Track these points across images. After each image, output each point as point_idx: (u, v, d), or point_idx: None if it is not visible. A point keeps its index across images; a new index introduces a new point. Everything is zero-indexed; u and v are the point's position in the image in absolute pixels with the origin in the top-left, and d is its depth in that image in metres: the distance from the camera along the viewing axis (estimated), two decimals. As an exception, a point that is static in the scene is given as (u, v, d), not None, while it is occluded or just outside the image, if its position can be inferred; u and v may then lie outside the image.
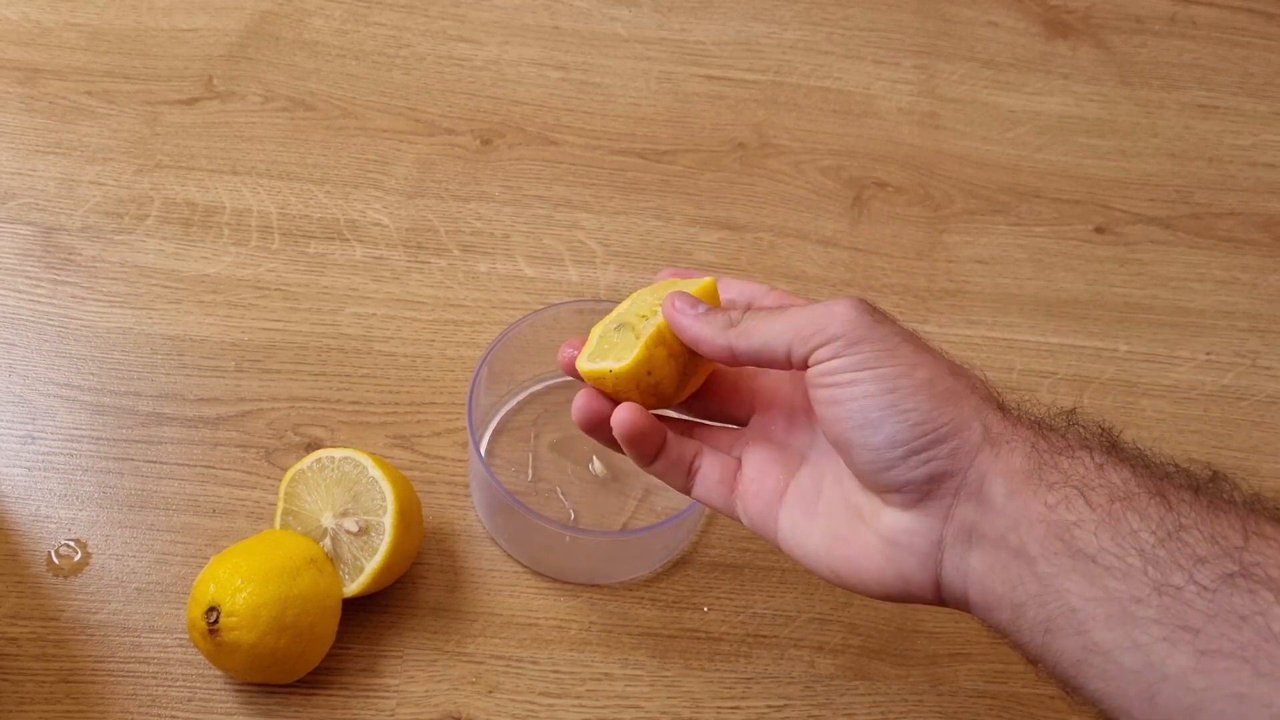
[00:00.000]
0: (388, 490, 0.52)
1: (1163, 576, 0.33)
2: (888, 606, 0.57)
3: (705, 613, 0.56)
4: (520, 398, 0.62)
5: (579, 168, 0.73)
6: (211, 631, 0.48)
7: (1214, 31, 0.85)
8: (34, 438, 0.59)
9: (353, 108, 0.74)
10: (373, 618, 0.54)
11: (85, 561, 0.55)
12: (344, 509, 0.53)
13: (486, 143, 0.73)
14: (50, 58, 0.74)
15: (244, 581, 0.49)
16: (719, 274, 0.46)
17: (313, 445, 0.59)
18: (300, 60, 0.76)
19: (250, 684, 0.52)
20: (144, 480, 0.58)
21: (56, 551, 0.55)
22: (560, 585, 0.56)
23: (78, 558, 0.55)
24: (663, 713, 0.53)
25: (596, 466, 0.59)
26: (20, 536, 0.56)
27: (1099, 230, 0.73)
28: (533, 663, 0.54)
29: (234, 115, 0.73)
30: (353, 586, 0.52)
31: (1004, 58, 0.82)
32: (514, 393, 0.62)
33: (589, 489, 0.59)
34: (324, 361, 0.62)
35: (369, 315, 0.64)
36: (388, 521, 0.52)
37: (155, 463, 0.58)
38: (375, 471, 0.53)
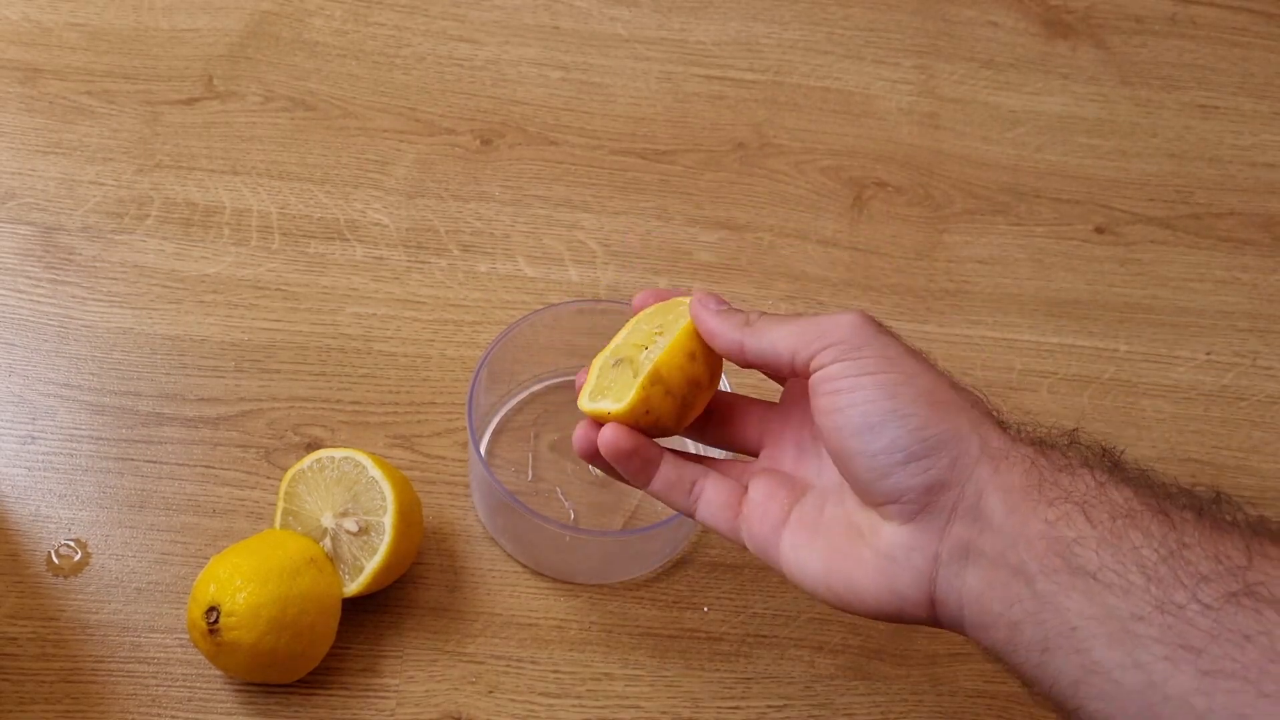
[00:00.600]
0: (388, 490, 0.52)
1: (1165, 594, 0.33)
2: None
3: (705, 613, 0.56)
4: (520, 398, 0.62)
5: (579, 168, 0.73)
6: (211, 631, 0.48)
7: (1214, 31, 0.85)
8: (34, 438, 0.59)
9: (353, 108, 0.74)
10: (373, 618, 0.54)
11: (85, 561, 0.55)
12: (344, 509, 0.53)
13: (486, 143, 0.73)
14: (50, 58, 0.74)
15: (244, 581, 0.49)
16: (699, 285, 0.47)
17: (313, 445, 0.59)
18: (300, 60, 0.76)
19: (250, 684, 0.52)
20: (144, 480, 0.58)
21: (56, 551, 0.55)
22: (560, 585, 0.56)
23: (78, 558, 0.55)
24: (663, 713, 0.53)
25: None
26: (20, 536, 0.56)
27: (1099, 230, 0.73)
28: (533, 663, 0.54)
29: (234, 115, 0.73)
30: (353, 586, 0.52)
31: (1004, 58, 0.82)
32: (514, 393, 0.62)
33: (589, 489, 0.59)
34: (324, 361, 0.62)
35: (369, 315, 0.64)
36: (388, 521, 0.52)
37: (155, 463, 0.58)
38: (375, 471, 0.53)
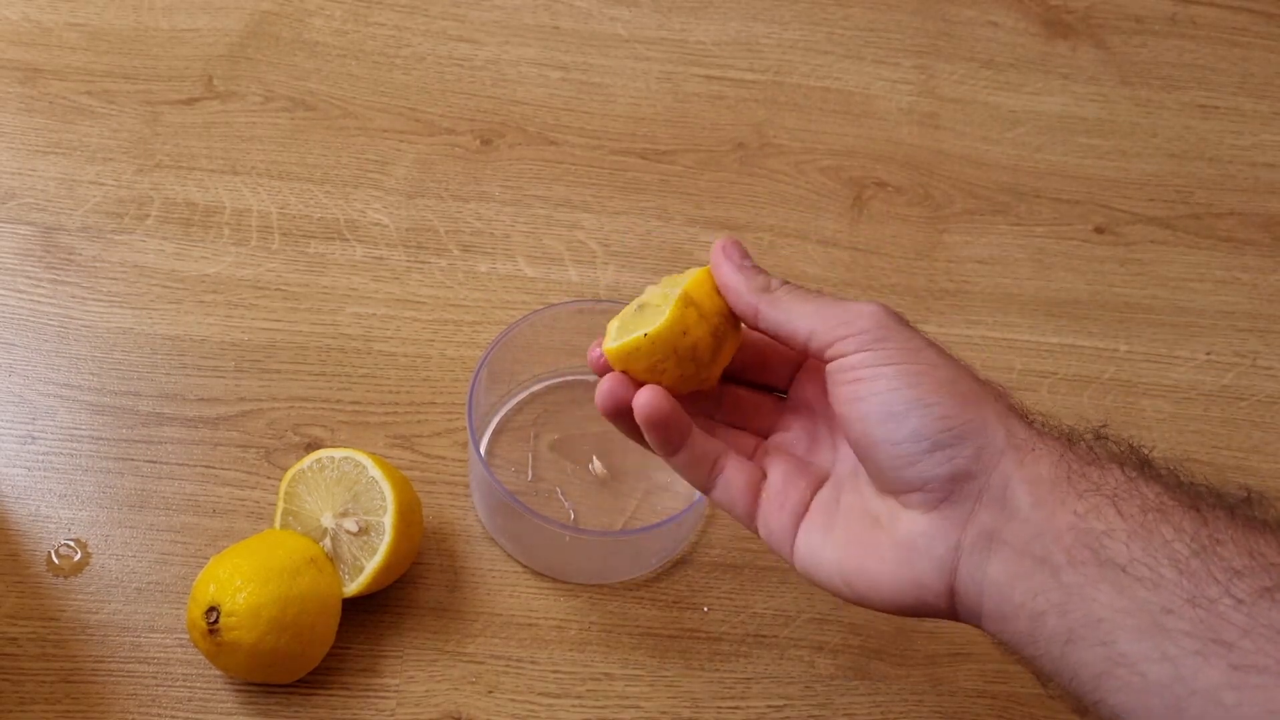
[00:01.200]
0: (388, 490, 0.52)
1: (1197, 589, 0.32)
2: (888, 606, 0.57)
3: (705, 613, 0.56)
4: (520, 398, 0.62)
5: (579, 168, 0.73)
6: (211, 631, 0.48)
7: (1214, 31, 0.85)
8: (34, 438, 0.59)
9: (353, 108, 0.74)
10: (373, 618, 0.54)
11: (85, 561, 0.55)
12: (344, 509, 0.53)
13: (486, 143, 0.73)
14: (50, 58, 0.74)
15: (244, 581, 0.49)
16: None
17: (313, 445, 0.59)
18: (300, 60, 0.76)
19: (250, 684, 0.52)
20: (144, 480, 0.58)
21: (56, 551, 0.55)
22: (560, 585, 0.56)
23: (78, 558, 0.55)
24: (663, 713, 0.53)
25: (596, 466, 0.59)
26: (20, 536, 0.56)
27: (1099, 230, 0.73)
28: (533, 663, 0.54)
29: (234, 115, 0.73)
30: (353, 586, 0.52)
31: (1004, 58, 0.82)
32: (514, 393, 0.62)
33: (589, 489, 0.59)
34: (324, 361, 0.62)
35: (369, 315, 0.64)
36: (388, 521, 0.52)
37: (155, 463, 0.58)
38: (375, 471, 0.53)
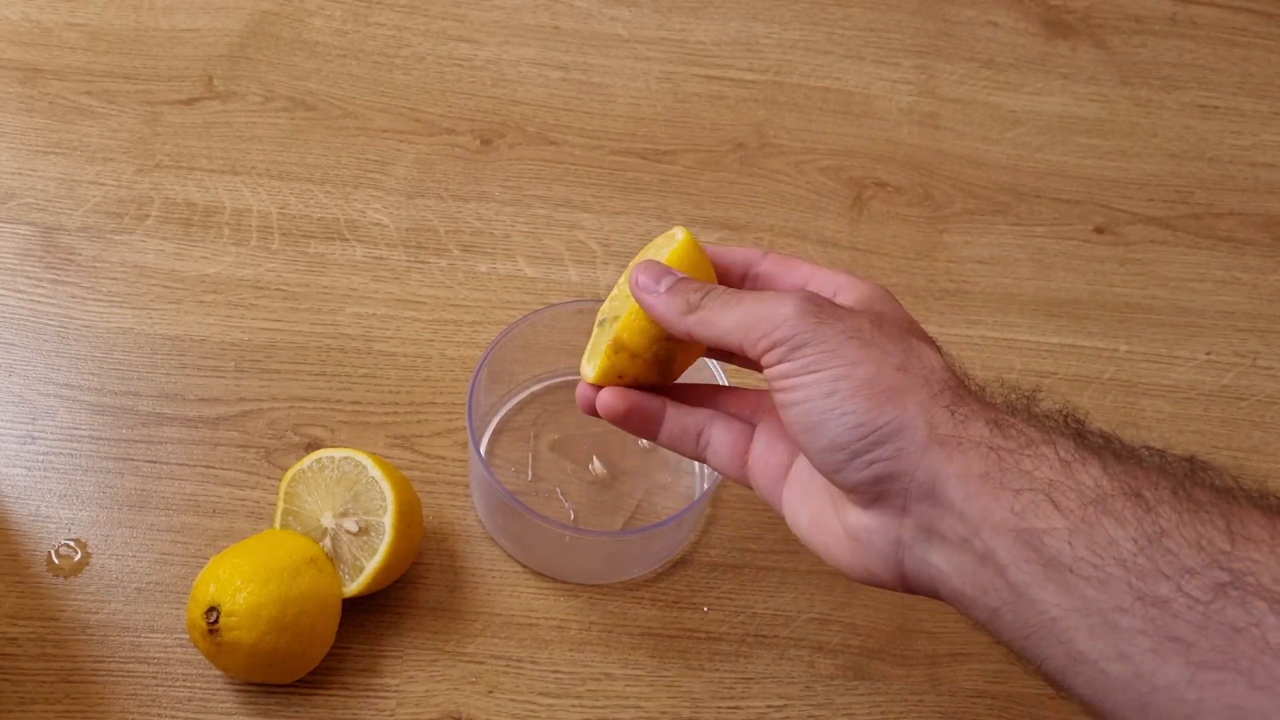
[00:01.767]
0: (388, 490, 0.52)
1: (1146, 587, 0.32)
2: (888, 606, 0.57)
3: (705, 613, 0.56)
4: (520, 398, 0.62)
5: (579, 168, 0.73)
6: (211, 631, 0.48)
7: (1214, 31, 0.85)
8: (34, 438, 0.59)
9: (353, 108, 0.74)
10: (373, 618, 0.54)
11: (85, 561, 0.55)
12: (344, 509, 0.53)
13: (486, 143, 0.73)
14: (50, 58, 0.74)
15: (244, 581, 0.49)
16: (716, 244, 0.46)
17: (313, 445, 0.59)
18: (300, 60, 0.76)
19: (250, 684, 0.52)
20: (144, 480, 0.58)
21: (56, 551, 0.55)
22: (560, 585, 0.56)
23: (78, 558, 0.55)
24: (663, 713, 0.53)
25: (596, 466, 0.59)
26: (20, 536, 0.56)
27: (1099, 230, 0.73)
28: (533, 663, 0.54)
29: (234, 115, 0.73)
30: (353, 586, 0.52)
31: (1004, 58, 0.82)
32: (514, 393, 0.62)
33: (589, 489, 0.59)
34: (324, 361, 0.62)
35: (369, 315, 0.64)
36: (388, 521, 0.52)
37: (155, 463, 0.58)
38: (375, 471, 0.53)
